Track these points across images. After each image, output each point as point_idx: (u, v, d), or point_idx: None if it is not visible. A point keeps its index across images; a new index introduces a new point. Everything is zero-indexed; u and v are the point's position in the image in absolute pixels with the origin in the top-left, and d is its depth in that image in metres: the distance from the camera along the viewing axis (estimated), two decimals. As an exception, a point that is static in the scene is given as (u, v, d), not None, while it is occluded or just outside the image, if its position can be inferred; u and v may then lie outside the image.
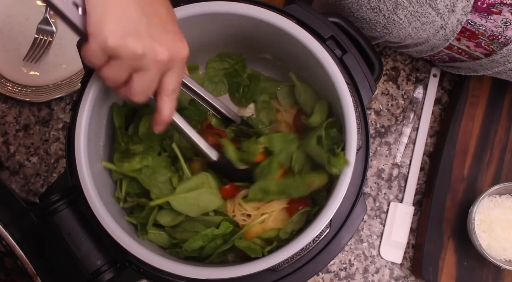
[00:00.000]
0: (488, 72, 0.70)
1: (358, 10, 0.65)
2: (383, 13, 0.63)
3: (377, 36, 0.68)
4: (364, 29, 0.67)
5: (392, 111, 0.83)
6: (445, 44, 0.66)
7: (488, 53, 0.65)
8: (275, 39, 0.60)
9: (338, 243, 0.56)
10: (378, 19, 0.64)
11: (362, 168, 0.57)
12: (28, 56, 0.82)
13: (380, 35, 0.67)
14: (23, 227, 0.57)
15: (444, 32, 0.63)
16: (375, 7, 0.63)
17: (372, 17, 0.65)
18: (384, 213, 0.80)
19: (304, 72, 0.64)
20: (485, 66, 0.69)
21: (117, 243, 0.54)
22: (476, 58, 0.68)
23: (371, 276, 0.79)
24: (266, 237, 0.59)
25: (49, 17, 0.83)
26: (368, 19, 0.65)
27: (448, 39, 0.65)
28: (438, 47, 0.67)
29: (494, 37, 0.62)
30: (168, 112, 0.51)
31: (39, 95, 0.81)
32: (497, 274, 0.75)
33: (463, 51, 0.68)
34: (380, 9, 0.63)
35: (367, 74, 0.60)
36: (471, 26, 0.61)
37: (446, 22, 0.61)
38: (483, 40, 0.63)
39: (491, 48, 0.64)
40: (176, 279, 0.55)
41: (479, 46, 0.65)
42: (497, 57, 0.65)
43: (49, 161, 0.82)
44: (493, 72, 0.70)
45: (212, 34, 0.63)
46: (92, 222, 0.55)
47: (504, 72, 0.69)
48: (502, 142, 0.78)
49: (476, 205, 0.71)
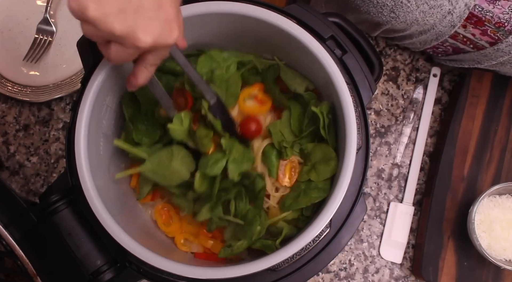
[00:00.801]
0: (493, 62, 0.70)
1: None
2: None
3: (383, 21, 0.67)
4: (370, 14, 0.67)
5: (392, 111, 0.83)
6: (450, 31, 0.66)
7: (493, 42, 0.65)
8: (275, 39, 0.60)
9: (338, 243, 0.56)
10: (385, 1, 0.63)
11: (362, 168, 0.57)
12: (28, 56, 0.82)
13: (386, 19, 0.66)
14: (23, 227, 0.57)
15: (451, 17, 0.63)
16: None
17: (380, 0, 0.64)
18: (384, 213, 0.80)
19: (304, 72, 0.64)
20: (490, 56, 0.68)
21: (117, 243, 0.54)
22: (481, 47, 0.68)
23: (371, 276, 0.79)
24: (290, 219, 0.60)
25: (49, 17, 0.83)
26: (375, 2, 0.64)
27: (454, 26, 0.64)
28: (443, 35, 0.67)
29: (501, 25, 0.62)
30: (143, 79, 0.51)
31: (39, 95, 0.81)
32: (497, 274, 0.75)
33: (468, 40, 0.67)
34: None
35: (367, 74, 0.60)
36: (478, 11, 0.61)
37: (454, 7, 0.61)
38: (489, 27, 0.63)
39: (497, 36, 0.64)
40: (176, 279, 0.55)
41: (485, 33, 0.64)
42: (502, 46, 0.65)
43: (49, 161, 0.82)
44: (497, 63, 0.70)
45: (212, 34, 0.63)
46: (92, 222, 0.55)
47: (508, 63, 0.69)
48: (502, 142, 0.78)
49: (476, 205, 0.71)
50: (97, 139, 0.60)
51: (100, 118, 0.60)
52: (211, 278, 0.54)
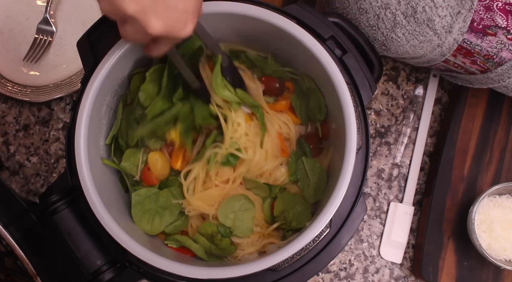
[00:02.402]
0: (483, 87, 0.71)
1: (357, 26, 0.65)
2: (382, 31, 0.64)
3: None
4: None
5: (392, 111, 0.83)
6: (441, 59, 0.67)
7: (484, 70, 0.66)
8: (275, 39, 0.60)
9: (338, 243, 0.56)
10: (376, 36, 0.65)
11: (362, 168, 0.57)
12: (28, 56, 0.82)
13: (378, 50, 0.68)
14: (23, 227, 0.57)
15: (441, 49, 0.64)
16: (373, 25, 0.64)
17: (370, 34, 0.66)
18: (384, 213, 0.80)
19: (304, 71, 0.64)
20: (481, 81, 0.70)
21: (117, 243, 0.54)
22: (472, 73, 0.69)
23: (371, 276, 0.79)
24: None
25: (49, 17, 0.83)
26: (367, 36, 0.66)
27: (444, 55, 0.66)
28: (434, 61, 0.68)
29: (489, 57, 0.63)
30: (156, 54, 0.51)
31: (39, 95, 0.81)
32: (497, 274, 0.75)
33: (459, 66, 0.68)
34: (379, 27, 0.64)
35: (367, 74, 0.60)
36: (467, 45, 0.62)
37: (443, 41, 0.62)
38: (478, 58, 0.64)
39: (486, 66, 0.65)
40: (176, 279, 0.55)
41: (475, 63, 0.65)
42: (492, 75, 0.66)
43: (49, 161, 0.82)
44: (487, 87, 0.71)
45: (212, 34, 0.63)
46: (92, 222, 0.55)
47: (499, 88, 0.70)
48: (502, 142, 0.78)
49: (476, 205, 0.71)
50: (97, 139, 0.60)
51: (100, 118, 0.60)
52: (211, 278, 0.54)
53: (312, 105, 0.64)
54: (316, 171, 0.63)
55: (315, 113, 0.64)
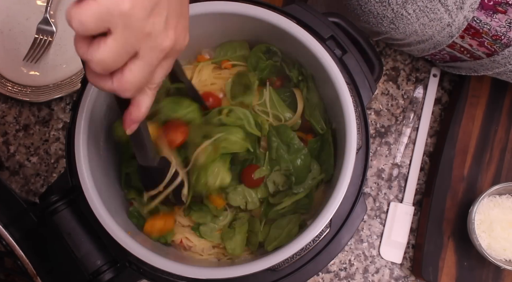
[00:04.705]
0: (489, 73, 0.70)
1: (366, 3, 0.64)
2: (392, 7, 0.63)
3: (382, 31, 0.68)
4: (370, 23, 0.67)
5: (392, 111, 0.83)
6: (448, 41, 0.66)
7: (490, 53, 0.66)
8: (275, 39, 0.60)
9: (338, 243, 0.56)
10: (386, 13, 0.64)
11: (362, 168, 0.57)
12: (28, 56, 0.82)
13: (386, 30, 0.67)
14: (23, 227, 0.57)
15: (450, 29, 0.64)
16: (384, 1, 0.63)
17: (380, 11, 0.64)
18: (384, 213, 0.80)
19: (304, 72, 0.64)
20: (486, 66, 0.69)
21: (117, 243, 0.54)
22: (477, 57, 0.68)
23: (371, 276, 0.79)
24: None
25: (49, 17, 0.83)
26: (376, 13, 0.65)
27: (453, 36, 0.65)
28: (441, 45, 0.67)
29: (497, 37, 0.62)
30: (146, 108, 0.44)
31: (39, 95, 0.81)
32: (497, 274, 0.75)
33: (465, 50, 0.68)
34: (389, 2, 0.62)
35: (367, 74, 0.60)
36: (476, 23, 0.62)
37: (453, 19, 0.62)
38: (486, 39, 0.63)
39: (494, 48, 0.64)
40: (176, 279, 0.55)
41: (482, 45, 0.65)
42: (499, 58, 0.65)
43: (49, 161, 0.82)
44: (493, 73, 0.70)
45: (212, 34, 0.63)
46: (92, 222, 0.55)
47: (504, 73, 0.69)
48: (502, 142, 0.78)
49: (476, 205, 0.71)
50: (97, 139, 0.60)
51: (100, 118, 0.60)
52: (211, 278, 0.54)
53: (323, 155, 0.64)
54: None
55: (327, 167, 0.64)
